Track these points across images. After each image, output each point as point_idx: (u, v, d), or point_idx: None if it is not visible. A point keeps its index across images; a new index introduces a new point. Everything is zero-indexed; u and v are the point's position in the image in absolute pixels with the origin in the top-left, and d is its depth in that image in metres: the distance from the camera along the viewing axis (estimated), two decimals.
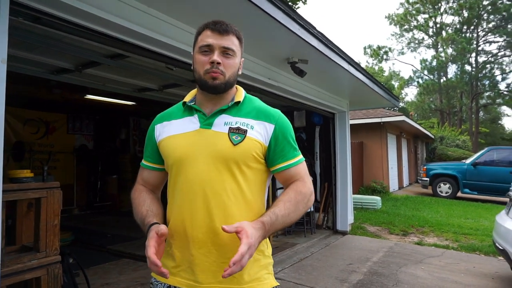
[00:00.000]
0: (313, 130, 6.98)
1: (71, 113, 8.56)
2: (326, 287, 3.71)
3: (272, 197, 5.49)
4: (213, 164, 1.13)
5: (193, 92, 1.30)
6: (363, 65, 34.37)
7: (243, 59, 1.28)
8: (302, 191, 1.19)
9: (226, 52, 1.16)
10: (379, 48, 30.62)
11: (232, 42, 1.18)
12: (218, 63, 1.14)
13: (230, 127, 1.16)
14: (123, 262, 4.45)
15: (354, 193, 10.48)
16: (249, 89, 4.31)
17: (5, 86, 1.82)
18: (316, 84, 5.29)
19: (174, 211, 1.18)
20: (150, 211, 1.20)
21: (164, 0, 2.58)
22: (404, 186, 14.80)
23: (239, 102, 1.22)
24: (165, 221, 1.23)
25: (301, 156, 1.26)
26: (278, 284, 1.23)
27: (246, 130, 1.16)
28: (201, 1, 2.59)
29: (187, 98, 1.27)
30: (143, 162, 1.34)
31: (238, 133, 1.15)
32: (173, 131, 1.22)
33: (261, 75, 4.07)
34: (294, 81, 4.61)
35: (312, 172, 6.85)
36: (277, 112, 1.26)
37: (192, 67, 1.23)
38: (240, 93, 1.26)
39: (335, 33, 72.16)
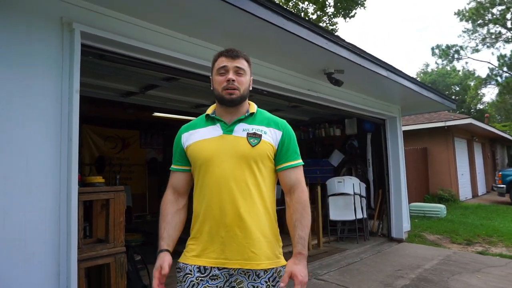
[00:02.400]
0: (365, 137, 6.98)
1: (143, 130, 9.58)
2: None
3: (322, 203, 5.67)
4: (236, 162, 1.42)
5: (212, 106, 1.60)
6: (432, 67, 32.40)
7: (252, 77, 1.59)
8: (303, 199, 1.48)
9: (238, 71, 1.47)
10: (448, 47, 28.60)
11: (242, 64, 1.49)
12: (233, 80, 1.44)
13: (248, 133, 1.46)
14: None
15: (418, 201, 10.07)
16: (290, 100, 4.62)
17: (78, 110, 2.34)
18: (360, 92, 5.39)
19: (204, 203, 1.43)
20: (167, 232, 1.48)
21: (203, 28, 3.03)
22: (480, 194, 13.63)
23: (253, 113, 1.53)
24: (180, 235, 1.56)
25: (300, 160, 1.55)
26: (286, 263, 1.49)
27: (261, 134, 1.46)
28: (232, 27, 2.99)
29: (209, 111, 1.57)
30: (173, 166, 1.59)
31: (254, 137, 1.45)
32: (199, 137, 1.49)
33: (300, 87, 4.34)
34: (335, 90, 4.78)
35: (365, 179, 6.84)
36: (284, 121, 1.57)
37: (211, 87, 1.53)
38: (253, 106, 1.57)
39: (398, 35, 68.78)
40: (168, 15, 2.77)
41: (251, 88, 1.55)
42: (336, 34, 3.26)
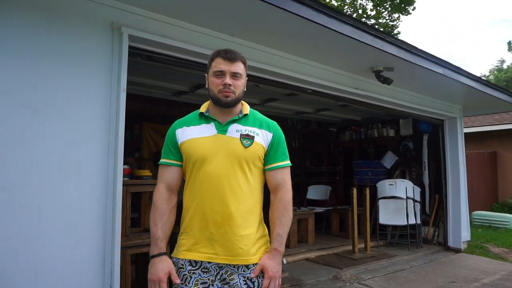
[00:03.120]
0: (420, 138, 6.57)
1: None
2: None
3: (372, 207, 5.45)
4: (229, 162, 1.47)
5: (206, 104, 1.63)
6: (508, 63, 29.51)
7: (247, 78, 1.61)
8: (285, 198, 1.54)
9: (234, 75, 1.50)
10: None
11: (239, 67, 1.51)
12: (230, 84, 1.47)
13: (241, 134, 1.50)
14: None
15: (485, 209, 9.24)
16: (336, 99, 4.53)
17: (125, 108, 2.53)
18: (414, 90, 5.10)
19: (196, 199, 1.48)
20: (163, 232, 1.48)
21: (245, 29, 3.09)
22: None
23: (247, 114, 1.57)
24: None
25: (288, 161, 1.59)
26: None
27: (254, 136, 1.51)
28: (274, 27, 3.01)
29: (203, 109, 1.57)
30: (165, 160, 1.57)
31: (247, 138, 1.50)
32: (194, 134, 1.52)
33: (347, 85, 4.22)
34: (386, 89, 4.58)
35: (420, 183, 6.44)
36: (275, 123, 1.61)
37: (206, 86, 1.56)
38: (246, 107, 1.60)
39: (467, 29, 63.30)
40: (210, 16, 2.87)
41: (245, 89, 1.58)
42: (393, 32, 3.11)
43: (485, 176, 9.99)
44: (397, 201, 5.92)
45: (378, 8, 14.59)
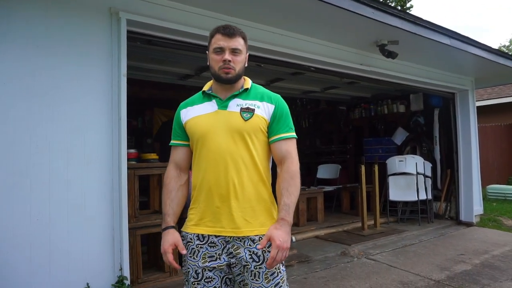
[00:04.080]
0: (431, 113, 6.45)
1: None
2: (421, 272, 3.61)
3: (382, 184, 5.44)
4: (230, 136, 1.49)
5: (209, 83, 1.65)
6: None
7: (248, 53, 1.60)
8: (291, 169, 1.51)
9: (234, 51, 1.50)
10: None
11: (238, 42, 1.51)
12: (229, 60, 1.48)
13: (241, 108, 1.51)
14: None
15: (501, 183, 9.09)
16: (341, 76, 4.48)
17: (126, 93, 2.58)
18: (422, 64, 4.98)
19: (200, 175, 1.52)
20: (171, 208, 1.55)
21: (244, 7, 3.07)
22: None
23: (248, 88, 1.58)
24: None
25: (293, 133, 1.57)
26: None
27: (254, 109, 1.51)
28: (274, 3, 2.98)
29: (205, 88, 1.62)
30: (173, 142, 1.64)
31: (248, 111, 1.50)
32: (196, 113, 1.55)
33: (351, 61, 4.17)
34: (392, 64, 4.48)
35: (431, 158, 6.37)
36: (277, 96, 1.60)
37: (208, 63, 1.57)
38: (247, 82, 1.61)
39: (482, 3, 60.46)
40: None
41: (246, 65, 1.58)
42: (406, 6, 3.03)
43: (501, 149, 9.78)
44: (407, 177, 5.88)
45: None
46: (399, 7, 12.42)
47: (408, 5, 14.85)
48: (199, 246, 1.49)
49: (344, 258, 4.08)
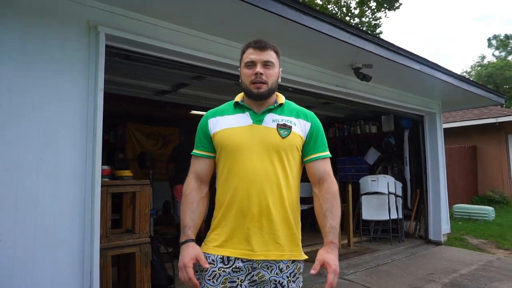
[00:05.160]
0: (402, 134, 6.69)
1: (182, 127, 9.91)
2: None
3: (354, 203, 5.52)
4: (266, 153, 1.42)
5: (241, 95, 1.57)
6: (488, 59, 30.15)
7: (281, 68, 1.57)
8: (333, 189, 1.47)
9: (266, 64, 1.45)
10: (508, 37, 26.41)
11: (270, 55, 1.46)
12: (261, 73, 1.43)
13: (278, 123, 1.45)
14: None
15: (465, 202, 9.47)
16: (317, 97, 4.57)
17: (102, 108, 2.51)
18: (394, 87, 5.19)
19: (230, 193, 1.41)
20: (192, 220, 1.43)
21: (224, 27, 3.10)
22: None
23: (282, 104, 1.53)
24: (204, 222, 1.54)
25: (328, 153, 1.53)
26: (307, 257, 1.50)
27: (291, 126, 1.46)
28: (251, 25, 3.03)
29: (238, 99, 1.52)
30: (195, 151, 1.53)
31: (285, 128, 1.45)
32: (228, 124, 1.46)
33: (327, 83, 4.28)
34: (366, 86, 4.64)
35: (402, 178, 6.57)
36: (312, 113, 1.56)
37: (239, 80, 1.52)
38: (281, 97, 1.56)
39: (452, 25, 64.54)
40: (189, 15, 2.87)
41: (280, 80, 1.53)
42: (375, 31, 3.16)
43: (465, 170, 10.24)
44: (380, 196, 6.02)
45: (362, 7, 14.76)
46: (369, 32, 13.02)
47: (377, 30, 15.60)
48: (222, 269, 1.39)
49: (319, 278, 4.06)
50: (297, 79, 3.88)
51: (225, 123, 1.48)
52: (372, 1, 14.35)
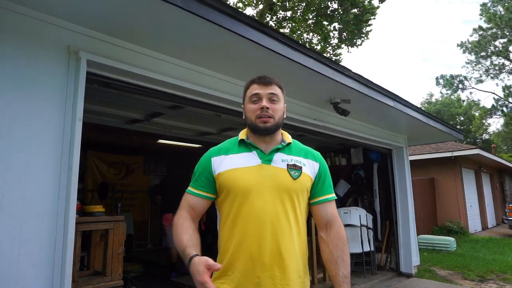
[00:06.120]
0: (371, 167, 6.86)
1: (147, 156, 9.55)
2: None
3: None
4: (277, 195, 1.33)
5: (244, 131, 1.50)
6: (436, 97, 32.61)
7: (286, 104, 1.51)
8: (342, 234, 1.41)
9: (272, 98, 1.40)
10: (453, 77, 28.85)
11: (275, 90, 1.42)
12: (267, 107, 1.37)
13: (288, 164, 1.38)
14: None
15: (426, 233, 9.78)
16: (296, 130, 4.57)
17: (80, 138, 2.30)
18: (366, 122, 5.35)
19: (237, 238, 1.31)
20: (191, 241, 1.29)
21: (208, 57, 3.03)
22: (490, 226, 13.26)
23: (290, 143, 1.46)
24: (204, 252, 1.38)
25: (334, 194, 1.48)
26: None
27: (301, 166, 1.40)
28: (237, 56, 2.99)
29: (242, 136, 1.45)
30: (193, 190, 1.42)
31: (295, 169, 1.38)
32: (235, 164, 1.37)
33: (307, 116, 4.30)
34: (341, 120, 4.75)
35: (372, 210, 6.66)
36: (318, 153, 1.53)
37: (243, 116, 1.46)
38: (287, 136, 1.50)
39: (402, 65, 69.86)
40: (173, 44, 2.78)
41: (285, 116, 1.48)
42: (340, 64, 3.24)
43: (425, 201, 10.66)
44: (352, 228, 6.02)
45: (323, 43, 15.51)
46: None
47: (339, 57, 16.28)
48: None
49: None
50: None
51: (231, 163, 1.39)
52: (334, 38, 15.15)
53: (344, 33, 14.08)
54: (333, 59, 16.33)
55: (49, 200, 2.15)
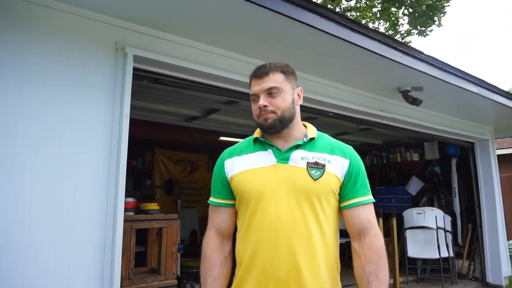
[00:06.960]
0: (448, 163, 6.11)
1: (210, 153, 9.72)
2: None
3: (398, 238, 4.98)
4: (294, 199, 1.15)
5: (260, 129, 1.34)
6: None
7: (300, 87, 1.29)
8: (377, 245, 1.17)
9: (270, 92, 1.20)
10: None
11: (274, 80, 1.21)
12: (265, 106, 1.19)
13: (308, 162, 1.18)
14: None
15: None
16: (359, 123, 4.19)
17: (127, 135, 2.25)
18: (442, 112, 4.73)
19: (250, 249, 1.17)
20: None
21: (261, 47, 2.83)
22: None
23: (314, 138, 1.25)
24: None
25: (371, 197, 1.23)
26: None
27: (324, 164, 1.18)
28: (292, 43, 2.75)
29: (257, 134, 1.31)
30: (213, 199, 1.32)
31: (316, 167, 1.17)
32: (247, 165, 1.24)
33: (371, 107, 3.90)
34: (413, 111, 4.22)
35: (450, 211, 5.94)
36: (351, 148, 1.28)
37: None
38: (312, 130, 1.29)
39: (490, 44, 62.71)
40: (223, 35, 2.63)
41: (301, 102, 1.28)
42: (410, 46, 2.82)
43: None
44: (427, 231, 5.41)
45: (392, 31, 14.38)
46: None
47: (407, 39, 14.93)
48: None
49: None
50: (340, 103, 3.53)
51: (243, 164, 1.24)
52: (401, 26, 13.97)
53: (414, 21, 12.84)
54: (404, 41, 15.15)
55: (98, 197, 2.14)
